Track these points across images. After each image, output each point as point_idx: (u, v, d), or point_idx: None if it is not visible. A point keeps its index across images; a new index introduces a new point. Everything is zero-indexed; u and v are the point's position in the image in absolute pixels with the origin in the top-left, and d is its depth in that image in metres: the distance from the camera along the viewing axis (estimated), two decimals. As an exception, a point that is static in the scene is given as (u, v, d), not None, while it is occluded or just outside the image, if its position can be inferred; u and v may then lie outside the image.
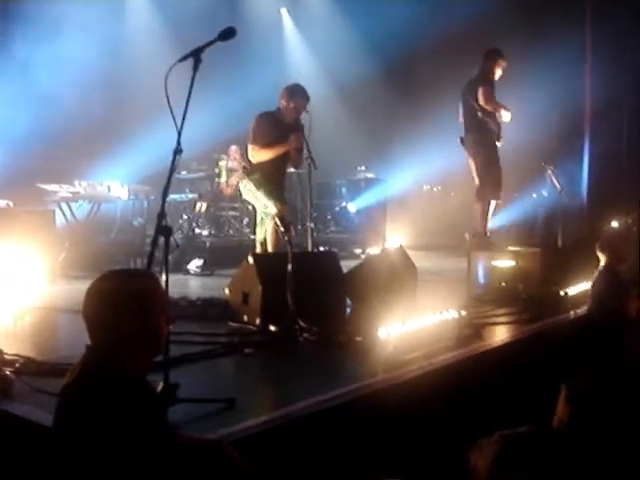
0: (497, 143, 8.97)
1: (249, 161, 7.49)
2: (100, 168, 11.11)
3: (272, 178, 7.51)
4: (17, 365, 4.19)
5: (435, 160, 14.00)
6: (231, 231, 12.97)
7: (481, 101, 8.71)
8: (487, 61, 9.02)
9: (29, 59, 11.15)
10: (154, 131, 10.24)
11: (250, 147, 7.39)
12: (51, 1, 11.43)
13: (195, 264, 10.11)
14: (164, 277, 3.29)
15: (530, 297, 7.10)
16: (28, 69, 11.09)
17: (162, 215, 3.34)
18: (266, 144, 7.29)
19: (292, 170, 13.32)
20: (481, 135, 8.83)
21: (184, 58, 3.60)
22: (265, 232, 7.49)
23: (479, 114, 8.77)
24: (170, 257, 3.44)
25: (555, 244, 10.18)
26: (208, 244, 11.32)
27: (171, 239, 3.39)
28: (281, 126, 7.37)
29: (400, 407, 3.98)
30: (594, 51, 13.75)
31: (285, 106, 7.41)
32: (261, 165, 7.41)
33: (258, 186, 7.41)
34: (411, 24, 14.63)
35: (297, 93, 7.42)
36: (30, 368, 4.23)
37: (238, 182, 12.91)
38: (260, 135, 7.33)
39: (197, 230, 12.26)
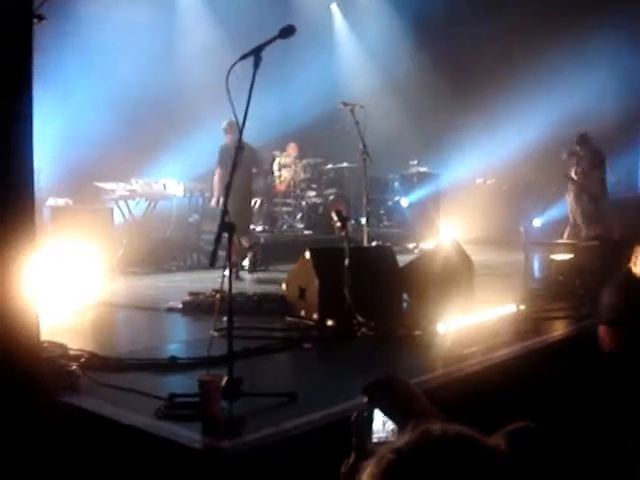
0: None
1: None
2: (156, 166, 11.31)
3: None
4: (82, 360, 4.26)
5: (487, 153, 13.91)
6: (285, 226, 13.03)
7: None
8: None
9: (91, 66, 11.42)
10: (208, 129, 10.39)
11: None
12: (108, 10, 11.75)
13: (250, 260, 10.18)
14: (227, 273, 3.34)
15: (587, 292, 6.97)
16: (89, 75, 11.34)
17: (225, 212, 3.37)
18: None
19: (344, 165, 13.40)
20: None
21: (245, 56, 3.57)
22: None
23: None
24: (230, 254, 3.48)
25: (612, 237, 10.00)
26: (262, 240, 11.39)
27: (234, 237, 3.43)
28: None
29: (459, 402, 3.97)
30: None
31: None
32: None
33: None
34: (461, 15, 14.55)
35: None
36: (94, 363, 4.31)
37: (290, 177, 13.03)
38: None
39: (251, 226, 12.34)
